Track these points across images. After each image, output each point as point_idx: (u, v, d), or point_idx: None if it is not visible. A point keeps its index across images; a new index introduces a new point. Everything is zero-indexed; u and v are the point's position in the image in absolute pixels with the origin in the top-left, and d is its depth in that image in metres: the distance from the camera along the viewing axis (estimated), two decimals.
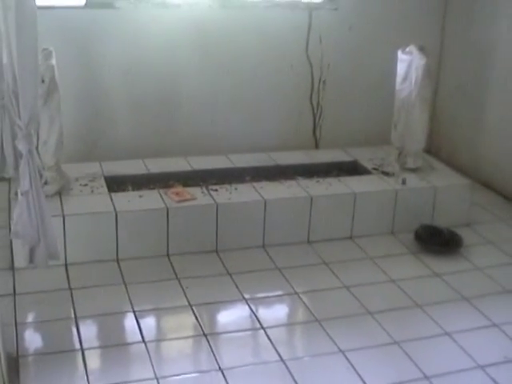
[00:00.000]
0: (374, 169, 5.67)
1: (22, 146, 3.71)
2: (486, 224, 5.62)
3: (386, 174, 5.54)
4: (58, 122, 4.74)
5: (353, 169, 5.81)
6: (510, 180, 6.07)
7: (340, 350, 3.88)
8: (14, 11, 3.43)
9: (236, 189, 5.16)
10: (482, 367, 3.80)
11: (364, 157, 5.93)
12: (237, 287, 4.49)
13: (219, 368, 3.68)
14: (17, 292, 4.30)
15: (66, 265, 4.60)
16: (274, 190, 5.17)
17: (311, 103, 6.40)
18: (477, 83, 6.34)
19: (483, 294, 4.57)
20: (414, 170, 5.60)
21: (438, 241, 5.13)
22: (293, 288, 4.52)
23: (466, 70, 6.47)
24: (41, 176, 4.40)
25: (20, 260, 4.34)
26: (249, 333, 4.09)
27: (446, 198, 5.43)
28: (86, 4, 5.56)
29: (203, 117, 6.13)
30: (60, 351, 3.78)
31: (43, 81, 4.49)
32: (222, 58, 6.03)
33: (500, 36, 6.05)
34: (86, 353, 3.77)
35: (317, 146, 6.53)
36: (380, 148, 6.03)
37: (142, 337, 3.92)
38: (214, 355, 3.79)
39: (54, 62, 4.61)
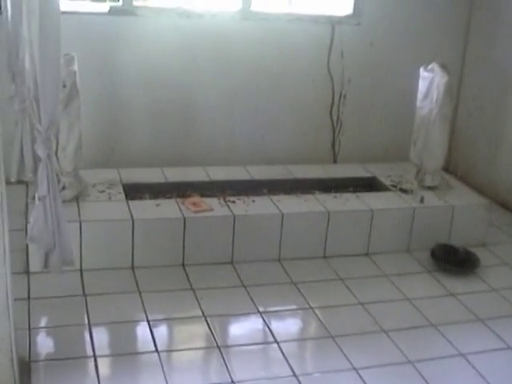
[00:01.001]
0: (392, 185, 5.64)
1: (40, 151, 3.70)
2: (503, 245, 5.59)
3: (404, 191, 5.51)
4: (78, 127, 4.74)
5: (371, 185, 5.79)
6: None
7: (353, 368, 3.85)
8: (38, 16, 3.43)
9: (253, 201, 5.15)
10: None
11: (382, 173, 5.91)
12: (251, 300, 4.47)
13: (231, 381, 3.66)
14: (31, 296, 4.29)
15: (81, 271, 4.59)
16: (291, 204, 5.15)
17: (331, 117, 6.39)
18: (496, 102, 6.33)
19: (498, 316, 4.53)
20: (431, 188, 5.57)
21: (454, 260, 5.09)
22: (307, 303, 4.50)
23: (486, 88, 6.45)
24: (58, 181, 4.40)
25: (35, 264, 4.32)
26: (262, 346, 4.06)
27: (463, 218, 5.40)
28: (109, 11, 5.58)
29: (221, 127, 6.13)
30: (72, 357, 3.77)
31: (64, 86, 4.48)
32: (242, 70, 6.04)
33: None
34: (99, 360, 3.75)
35: (335, 161, 6.52)
36: (398, 165, 6.03)
37: (155, 346, 3.90)
38: (227, 367, 3.77)
39: (75, 67, 4.61)
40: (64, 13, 3.68)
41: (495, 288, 4.88)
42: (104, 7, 5.59)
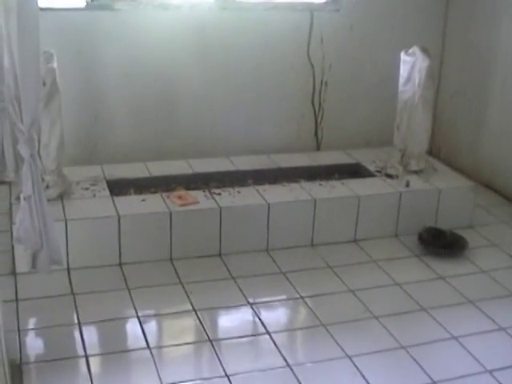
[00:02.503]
0: (377, 171, 5.64)
1: (23, 151, 3.67)
2: (490, 226, 5.60)
3: (390, 176, 5.51)
4: (59, 125, 4.71)
5: (355, 171, 5.78)
6: (511, 181, 6.04)
7: (346, 355, 3.85)
8: (16, 14, 3.40)
9: (239, 192, 5.13)
10: (490, 372, 3.77)
11: (367, 159, 5.90)
12: (241, 291, 4.46)
13: (225, 374, 3.65)
14: (19, 298, 4.25)
15: (68, 270, 4.55)
16: (277, 194, 5.14)
17: (313, 105, 6.37)
18: (477, 85, 6.32)
19: (489, 297, 4.54)
20: (416, 172, 5.57)
21: (441, 243, 5.10)
22: (297, 292, 4.49)
23: (467, 71, 6.44)
24: (42, 180, 4.36)
25: (22, 265, 4.31)
26: (254, 338, 4.05)
27: (449, 200, 5.40)
28: (86, 6, 5.53)
29: (204, 119, 6.09)
30: (64, 358, 3.74)
31: (44, 84, 4.43)
32: (222, 60, 5.99)
33: (500, 39, 6.03)
34: (90, 359, 3.73)
35: (318, 148, 6.49)
36: (382, 150, 6.02)
37: (147, 342, 3.88)
38: (220, 361, 3.76)
39: (55, 64, 4.57)
40: (41, 10, 3.65)
41: (484, 269, 4.89)
42: (80, 2, 5.53)
